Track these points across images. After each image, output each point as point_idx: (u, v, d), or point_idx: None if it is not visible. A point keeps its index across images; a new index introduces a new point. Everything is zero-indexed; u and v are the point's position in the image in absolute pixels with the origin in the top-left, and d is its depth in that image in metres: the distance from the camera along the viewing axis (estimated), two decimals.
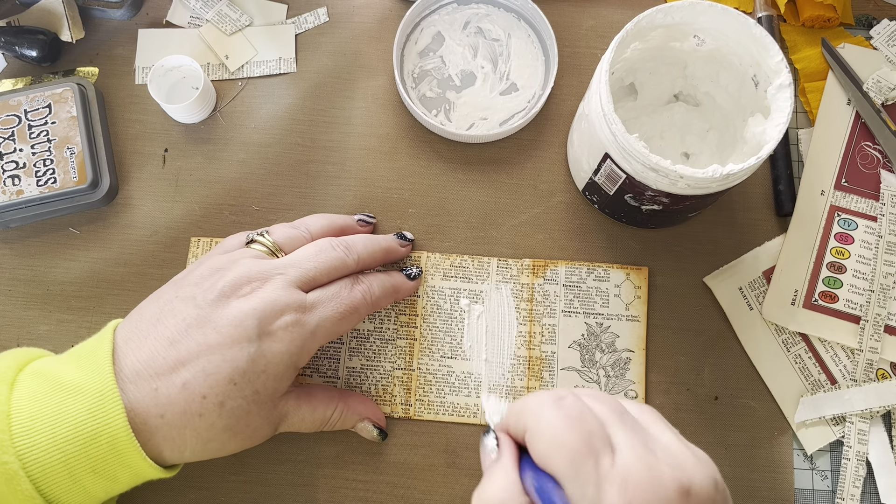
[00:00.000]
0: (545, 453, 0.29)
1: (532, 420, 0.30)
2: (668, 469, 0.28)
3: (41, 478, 0.32)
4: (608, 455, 0.28)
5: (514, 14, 0.50)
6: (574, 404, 0.30)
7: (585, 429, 0.29)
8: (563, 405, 0.29)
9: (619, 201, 0.43)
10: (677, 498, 0.27)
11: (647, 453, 0.28)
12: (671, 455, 0.29)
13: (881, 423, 0.44)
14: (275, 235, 0.41)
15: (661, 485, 0.27)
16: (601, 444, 0.28)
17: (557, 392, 0.31)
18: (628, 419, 0.30)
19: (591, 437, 0.28)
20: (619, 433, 0.29)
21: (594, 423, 0.29)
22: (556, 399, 0.30)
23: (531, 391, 0.44)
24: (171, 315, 0.36)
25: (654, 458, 0.28)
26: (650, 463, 0.28)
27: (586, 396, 0.31)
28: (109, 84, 0.49)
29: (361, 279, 0.41)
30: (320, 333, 0.37)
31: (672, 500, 0.27)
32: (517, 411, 0.32)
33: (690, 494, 0.27)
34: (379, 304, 0.42)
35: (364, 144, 0.48)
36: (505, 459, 0.32)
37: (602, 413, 0.30)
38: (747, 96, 0.43)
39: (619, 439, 0.29)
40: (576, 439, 0.28)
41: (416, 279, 0.45)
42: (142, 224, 0.47)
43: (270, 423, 0.37)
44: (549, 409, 0.30)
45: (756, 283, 0.46)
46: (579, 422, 0.29)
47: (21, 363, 0.35)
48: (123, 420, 0.33)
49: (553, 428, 0.29)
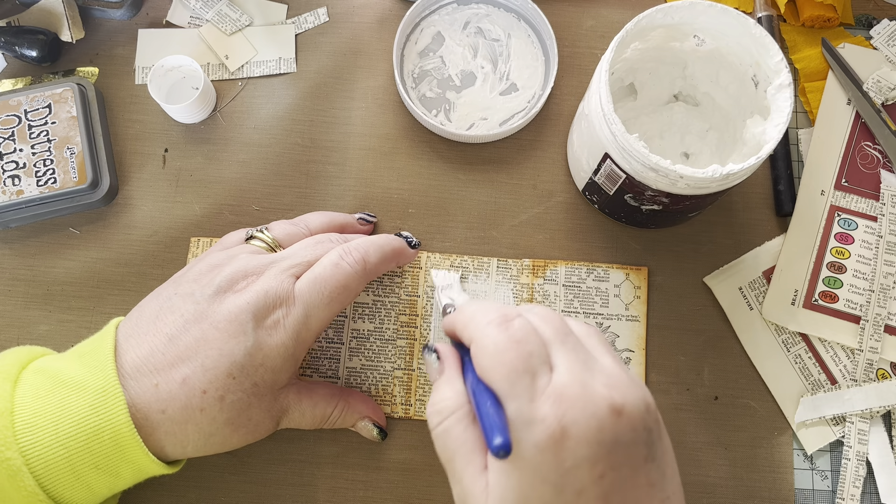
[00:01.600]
0: (487, 368, 0.31)
1: (477, 335, 0.32)
2: (602, 388, 0.29)
3: (44, 474, 0.32)
4: (546, 374, 0.30)
5: (514, 14, 0.50)
6: (520, 327, 0.31)
7: (527, 349, 0.30)
8: (509, 326, 0.31)
9: (619, 201, 0.43)
10: (609, 415, 0.29)
11: (583, 372, 0.30)
12: (607, 376, 0.30)
13: (881, 423, 0.44)
14: (274, 232, 0.41)
15: (594, 401, 0.29)
16: (540, 363, 0.30)
17: (506, 311, 0.32)
18: (571, 340, 0.32)
19: (531, 356, 0.30)
20: (560, 354, 0.31)
21: (536, 344, 0.31)
22: (503, 319, 0.32)
23: None
24: (170, 311, 0.36)
25: (590, 376, 0.30)
26: (585, 381, 0.29)
27: (534, 316, 0.32)
28: (109, 84, 0.49)
29: (351, 250, 0.39)
30: (313, 322, 0.37)
31: (604, 416, 0.29)
32: (464, 321, 0.33)
33: (622, 413, 0.29)
34: (377, 271, 0.40)
35: (364, 144, 0.48)
36: (449, 370, 0.34)
37: (546, 333, 0.31)
38: (747, 96, 0.43)
39: (559, 359, 0.30)
40: (515, 358, 0.30)
41: (417, 248, 0.45)
42: (142, 224, 0.47)
43: (272, 417, 0.37)
44: (495, 328, 0.31)
45: (756, 283, 0.46)
46: (522, 343, 0.30)
47: (24, 361, 0.35)
48: (126, 416, 0.33)
49: (496, 346, 0.31)
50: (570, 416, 0.28)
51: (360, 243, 0.40)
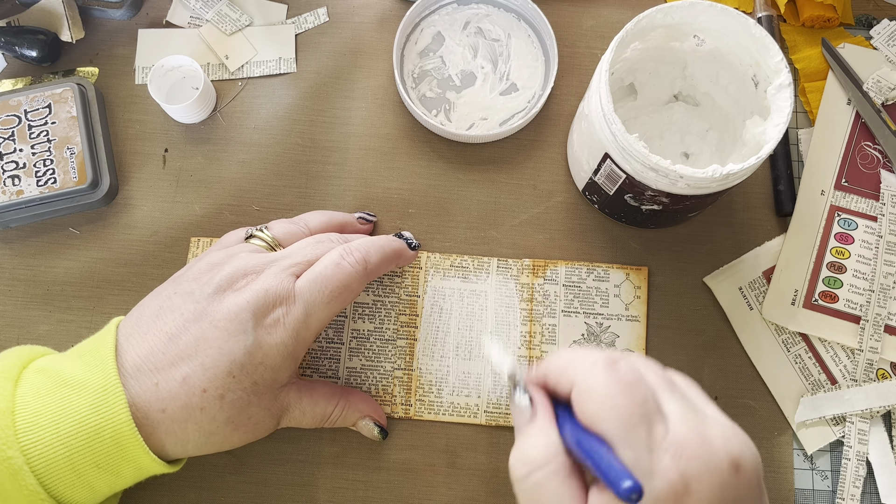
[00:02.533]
0: (597, 414, 0.29)
1: (581, 378, 0.30)
2: (720, 441, 0.28)
3: (45, 473, 0.32)
4: (661, 423, 0.28)
5: (514, 14, 0.50)
6: (629, 370, 0.30)
7: (640, 394, 0.29)
8: (617, 369, 0.29)
9: (619, 201, 0.43)
10: (728, 470, 0.27)
11: (699, 424, 0.28)
12: (722, 429, 0.29)
13: (881, 423, 0.44)
14: (274, 231, 0.41)
15: (715, 456, 0.27)
16: (654, 411, 0.28)
17: (610, 354, 0.31)
18: (678, 389, 0.30)
19: (646, 402, 0.28)
20: (671, 402, 0.29)
21: (648, 390, 0.29)
22: (610, 362, 0.30)
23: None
24: (169, 311, 0.36)
25: (707, 429, 0.28)
26: (704, 434, 0.28)
27: (638, 362, 0.31)
28: (109, 84, 0.49)
29: (352, 250, 0.39)
30: (312, 321, 0.37)
31: (724, 471, 0.27)
32: (562, 366, 0.31)
33: (740, 469, 0.28)
34: (377, 272, 0.40)
35: (364, 144, 0.48)
36: (542, 418, 0.31)
37: (652, 381, 0.30)
38: (747, 96, 0.43)
39: (672, 408, 0.29)
40: (631, 404, 0.28)
41: (416, 250, 0.45)
42: (142, 224, 0.47)
43: (272, 415, 0.37)
44: (603, 370, 0.29)
45: (756, 283, 0.46)
46: (634, 387, 0.29)
47: (25, 360, 0.35)
48: (127, 414, 0.33)
49: (607, 390, 0.29)
50: (693, 470, 0.27)
51: (361, 243, 0.40)
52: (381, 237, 0.42)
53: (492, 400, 0.44)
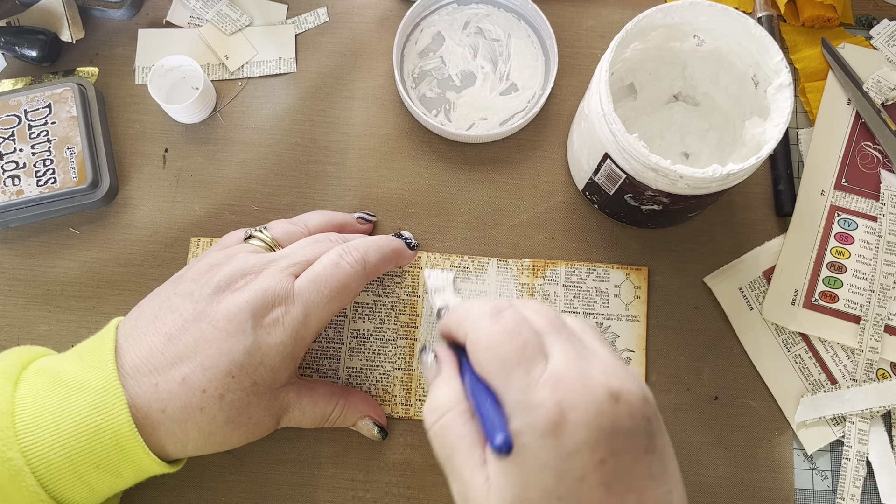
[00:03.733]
0: (482, 361, 0.31)
1: (471, 329, 0.32)
2: (599, 375, 0.29)
3: (45, 474, 0.32)
4: (542, 363, 0.30)
5: (514, 14, 0.50)
6: (512, 317, 0.31)
7: (521, 339, 0.30)
8: (501, 318, 0.31)
9: (619, 201, 0.43)
10: (606, 400, 0.28)
11: (579, 359, 0.30)
12: (604, 364, 0.30)
13: (881, 423, 0.44)
14: (273, 231, 0.41)
15: (591, 386, 0.29)
16: (535, 353, 0.30)
17: (497, 303, 0.32)
18: (565, 331, 0.31)
19: (526, 346, 0.30)
20: (556, 343, 0.31)
21: (529, 334, 0.31)
22: (495, 311, 0.32)
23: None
24: (169, 311, 0.36)
25: (587, 364, 0.30)
26: (581, 367, 0.29)
27: (526, 309, 0.32)
28: (109, 84, 0.49)
29: (351, 250, 0.39)
30: (312, 321, 0.37)
31: (601, 401, 0.28)
32: (458, 319, 0.33)
33: (620, 399, 0.29)
34: (376, 272, 0.40)
35: (364, 144, 0.48)
36: (446, 370, 0.34)
37: (540, 325, 0.31)
38: (747, 96, 0.43)
39: (554, 348, 0.30)
40: (510, 349, 0.30)
41: (416, 250, 0.45)
42: (142, 224, 0.47)
43: (272, 415, 0.37)
44: (487, 320, 0.31)
45: (756, 283, 0.46)
46: (515, 333, 0.30)
47: (25, 361, 0.35)
48: (126, 415, 0.33)
49: (489, 338, 0.31)
50: (568, 400, 0.28)
51: (360, 243, 0.40)
52: (381, 237, 0.42)
53: None
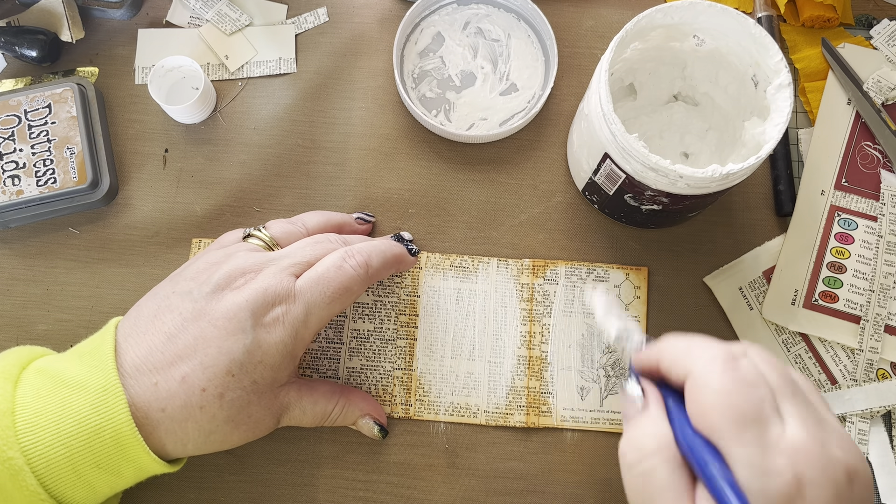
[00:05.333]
0: (708, 408, 0.28)
1: (699, 371, 0.29)
2: (838, 450, 0.27)
3: (46, 473, 0.32)
4: (778, 425, 0.27)
5: (514, 14, 0.50)
6: (750, 369, 0.29)
7: (758, 395, 0.28)
8: (738, 366, 0.29)
9: (618, 201, 0.43)
10: (844, 480, 0.27)
11: (819, 430, 0.28)
12: (840, 437, 0.28)
13: (881, 423, 0.44)
14: (272, 230, 0.41)
15: (831, 463, 0.27)
16: (771, 412, 0.28)
17: (731, 349, 0.30)
18: (800, 393, 0.29)
19: (762, 403, 0.28)
20: (790, 405, 0.28)
21: (766, 390, 0.28)
22: (730, 357, 0.29)
23: (531, 391, 0.44)
24: (168, 310, 0.36)
25: (826, 435, 0.27)
26: (822, 440, 0.27)
27: (760, 361, 0.30)
28: (109, 84, 0.49)
29: (354, 254, 0.39)
30: (312, 321, 0.37)
31: (840, 480, 0.26)
32: (678, 354, 0.31)
33: (855, 481, 0.27)
34: (378, 276, 0.40)
35: (364, 145, 0.48)
36: (654, 409, 0.31)
37: (774, 381, 0.29)
38: (747, 96, 0.43)
39: (791, 411, 0.28)
40: (746, 402, 0.28)
41: (416, 256, 0.45)
42: (142, 224, 0.47)
43: (272, 414, 0.37)
44: (722, 366, 0.29)
45: (756, 283, 0.46)
46: (753, 387, 0.28)
47: (24, 361, 0.35)
48: (127, 415, 0.33)
49: (724, 387, 0.28)
50: (809, 474, 0.26)
51: (363, 247, 0.40)
52: (384, 241, 0.42)
53: (492, 400, 0.44)
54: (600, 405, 0.44)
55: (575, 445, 0.44)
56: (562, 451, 0.43)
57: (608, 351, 0.45)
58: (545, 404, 0.44)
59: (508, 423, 0.44)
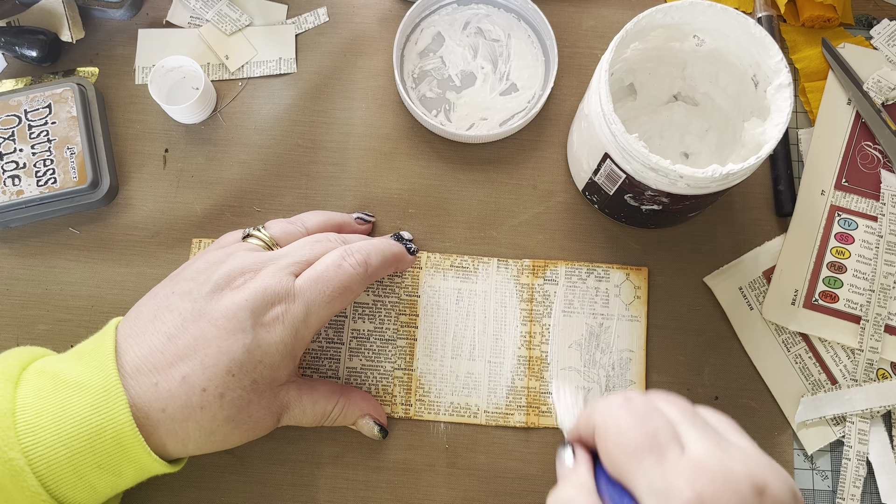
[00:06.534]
0: (610, 450, 0.29)
1: (599, 419, 0.30)
2: (741, 466, 0.27)
3: (47, 474, 0.32)
4: (676, 451, 0.28)
5: (514, 14, 0.50)
6: (642, 404, 0.29)
7: (651, 425, 0.28)
8: (629, 405, 0.29)
9: (618, 201, 0.43)
10: (750, 494, 0.26)
11: (719, 450, 0.28)
12: (746, 455, 0.28)
13: (881, 423, 0.44)
14: (271, 230, 0.41)
15: (734, 478, 0.26)
16: (668, 440, 0.28)
17: (628, 393, 0.31)
18: (700, 421, 0.30)
19: (657, 432, 0.28)
20: (691, 432, 0.29)
21: (661, 421, 0.29)
22: (624, 399, 0.30)
23: (531, 391, 0.44)
24: (168, 310, 0.36)
25: (727, 455, 0.28)
26: (722, 458, 0.27)
27: (658, 399, 0.31)
28: (109, 84, 0.49)
29: (353, 252, 0.39)
30: (312, 320, 0.37)
31: (745, 494, 0.26)
32: (587, 414, 0.32)
33: (765, 494, 0.26)
34: (377, 275, 0.41)
35: (364, 145, 0.48)
36: (579, 466, 0.32)
37: (672, 414, 0.30)
38: (747, 96, 0.43)
39: (690, 437, 0.28)
40: (640, 434, 0.28)
41: (415, 255, 0.45)
42: (142, 224, 0.47)
43: (272, 414, 0.37)
44: (616, 408, 0.30)
45: (756, 283, 0.46)
46: (644, 418, 0.29)
47: (25, 362, 0.35)
48: (128, 415, 0.33)
49: (617, 425, 0.29)
50: (709, 491, 0.26)
51: (362, 246, 0.40)
52: (383, 240, 0.42)
53: (492, 400, 0.44)
54: None
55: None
56: None
57: (608, 350, 0.45)
58: (545, 404, 0.44)
59: (508, 423, 0.44)
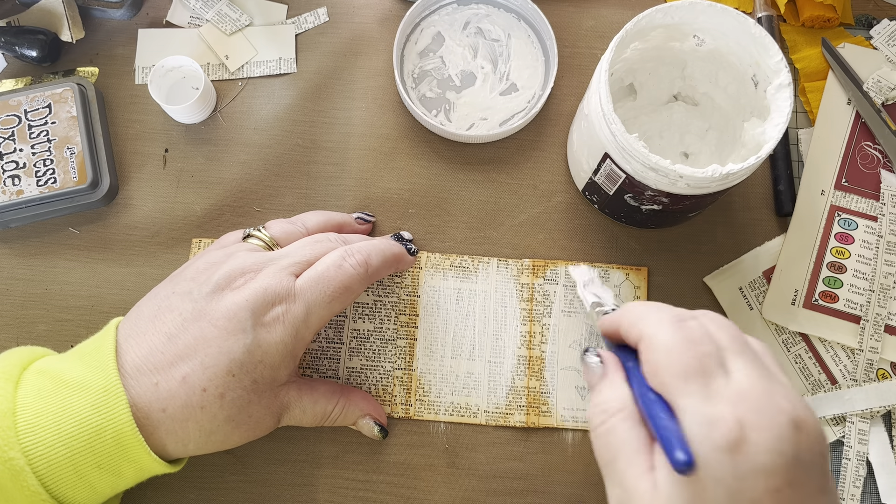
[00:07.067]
0: (657, 365, 0.30)
1: (649, 331, 0.31)
2: (783, 400, 0.28)
3: (47, 473, 0.32)
4: (722, 377, 0.29)
5: (514, 14, 0.50)
6: (696, 327, 0.30)
7: (702, 349, 0.29)
8: (684, 326, 0.30)
9: (618, 201, 0.43)
10: (788, 427, 0.27)
11: (763, 381, 0.28)
12: (787, 391, 0.29)
13: (881, 423, 0.44)
14: (272, 230, 0.41)
15: (775, 411, 0.27)
16: (716, 366, 0.29)
17: (680, 312, 0.32)
18: (749, 351, 0.30)
19: (707, 357, 0.29)
20: (738, 360, 0.29)
21: (712, 347, 0.30)
22: (677, 318, 0.31)
23: (531, 391, 0.44)
24: (168, 310, 0.36)
25: (771, 387, 0.28)
26: (766, 389, 0.28)
27: (710, 322, 0.31)
28: (109, 84, 0.49)
29: (354, 252, 0.39)
30: (313, 320, 0.37)
31: (783, 427, 0.27)
32: (632, 319, 0.32)
33: (802, 429, 0.27)
34: (377, 275, 0.41)
35: (364, 145, 0.48)
36: (612, 373, 0.33)
37: (722, 340, 0.30)
38: (747, 96, 0.43)
39: (737, 365, 0.29)
40: (691, 358, 0.29)
41: (415, 256, 0.45)
42: (142, 224, 0.47)
43: (272, 414, 0.37)
44: (669, 325, 0.30)
45: (756, 283, 0.46)
46: (698, 342, 0.29)
47: (25, 362, 0.35)
48: (128, 415, 0.33)
49: (668, 343, 0.30)
50: (751, 419, 0.27)
51: (363, 246, 0.40)
52: (383, 241, 0.42)
53: (492, 400, 0.44)
54: None
55: (575, 445, 0.44)
56: (562, 451, 0.43)
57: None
58: (545, 404, 0.44)
59: (508, 423, 0.44)
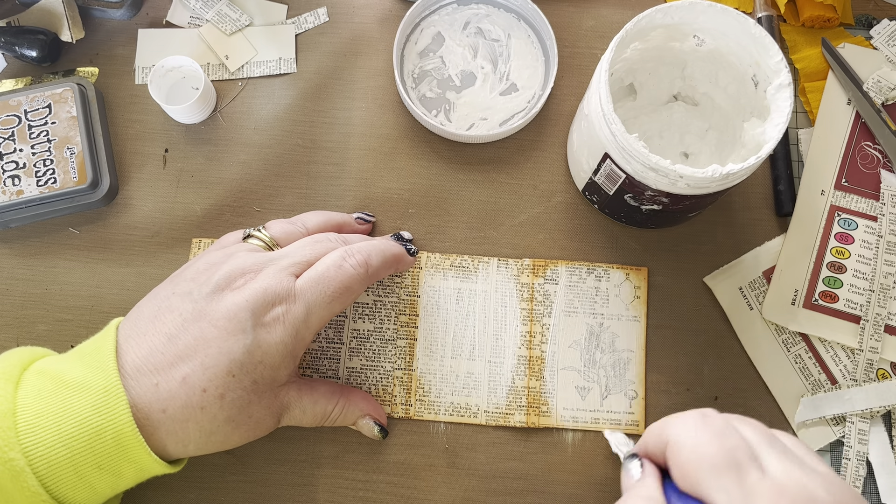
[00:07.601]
0: (686, 464, 0.29)
1: (674, 433, 0.30)
2: (823, 492, 0.27)
3: (47, 474, 0.32)
4: (756, 471, 0.27)
5: (514, 14, 0.50)
6: (719, 421, 0.30)
7: (730, 443, 0.28)
8: (708, 421, 0.30)
9: (618, 201, 0.43)
10: None
11: (800, 473, 0.27)
12: (827, 481, 0.27)
13: (881, 423, 0.44)
14: (272, 230, 0.41)
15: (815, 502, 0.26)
16: (747, 459, 0.28)
17: (704, 410, 0.31)
18: (778, 444, 0.29)
19: (736, 450, 0.28)
20: (770, 454, 0.28)
21: (740, 440, 0.29)
22: (701, 415, 0.30)
23: (531, 391, 0.44)
24: (168, 311, 0.36)
25: (809, 479, 0.27)
26: (804, 482, 0.27)
27: (734, 418, 0.31)
28: (109, 84, 0.49)
29: (354, 253, 0.39)
30: (313, 320, 0.37)
31: None
32: (657, 428, 0.32)
33: None
34: (378, 275, 0.41)
35: (364, 145, 0.48)
36: (648, 479, 0.32)
37: (750, 435, 0.30)
38: (747, 96, 0.43)
39: (771, 459, 0.28)
40: (719, 450, 0.28)
41: (415, 256, 0.45)
42: (142, 224, 0.47)
43: (272, 414, 0.37)
44: (693, 422, 0.30)
45: (756, 283, 0.46)
46: (723, 435, 0.29)
47: (25, 362, 0.35)
48: (128, 415, 0.33)
49: (695, 439, 0.29)
50: None
51: (363, 246, 0.40)
52: (383, 241, 0.42)
53: (492, 400, 0.44)
54: (600, 405, 0.44)
55: (575, 445, 0.44)
56: (562, 451, 0.43)
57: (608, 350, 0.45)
58: (545, 404, 0.44)
59: (508, 423, 0.44)
